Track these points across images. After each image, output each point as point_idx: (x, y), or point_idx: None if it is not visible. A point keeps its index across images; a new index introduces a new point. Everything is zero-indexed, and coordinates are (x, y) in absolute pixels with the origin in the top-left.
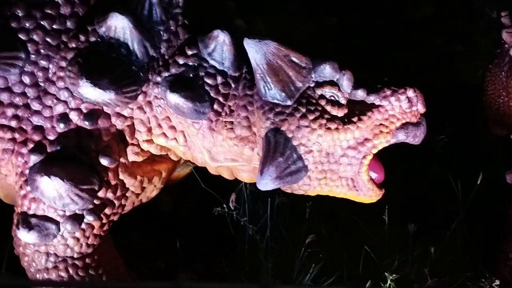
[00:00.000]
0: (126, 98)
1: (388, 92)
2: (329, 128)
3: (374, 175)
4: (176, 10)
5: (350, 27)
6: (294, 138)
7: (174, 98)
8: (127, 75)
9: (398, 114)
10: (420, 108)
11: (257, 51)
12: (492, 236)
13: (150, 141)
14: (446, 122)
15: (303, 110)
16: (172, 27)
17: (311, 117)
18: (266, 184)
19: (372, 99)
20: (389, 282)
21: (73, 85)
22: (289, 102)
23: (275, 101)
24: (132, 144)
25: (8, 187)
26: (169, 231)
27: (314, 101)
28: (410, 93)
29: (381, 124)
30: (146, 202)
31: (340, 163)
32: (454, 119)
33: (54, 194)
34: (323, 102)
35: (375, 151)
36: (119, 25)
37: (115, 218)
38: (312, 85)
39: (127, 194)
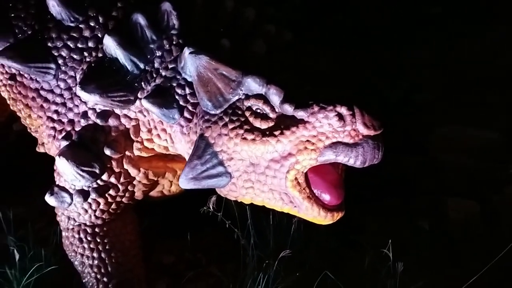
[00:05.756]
0: (115, 102)
1: (316, 109)
2: (245, 138)
3: (323, 196)
4: (172, 31)
5: None
6: (216, 144)
7: (144, 103)
8: (117, 83)
9: (329, 132)
10: (361, 128)
11: (191, 64)
12: None
13: (150, 140)
14: None
15: (227, 119)
16: (166, 46)
17: (230, 126)
18: (183, 183)
19: (300, 114)
20: None
21: None
22: (216, 111)
23: (206, 109)
24: (137, 141)
25: None
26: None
27: (240, 112)
28: (343, 110)
29: (307, 140)
30: (174, 196)
31: (267, 175)
32: None
33: (62, 170)
34: (247, 114)
35: (299, 167)
36: (109, 44)
37: (124, 200)
38: (242, 97)
39: (133, 182)
